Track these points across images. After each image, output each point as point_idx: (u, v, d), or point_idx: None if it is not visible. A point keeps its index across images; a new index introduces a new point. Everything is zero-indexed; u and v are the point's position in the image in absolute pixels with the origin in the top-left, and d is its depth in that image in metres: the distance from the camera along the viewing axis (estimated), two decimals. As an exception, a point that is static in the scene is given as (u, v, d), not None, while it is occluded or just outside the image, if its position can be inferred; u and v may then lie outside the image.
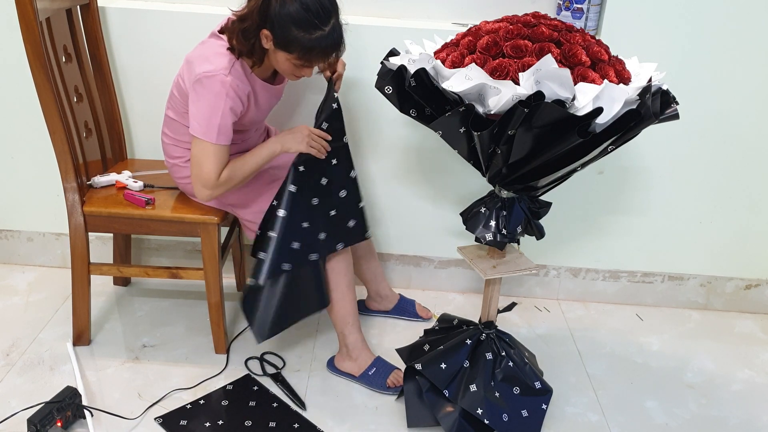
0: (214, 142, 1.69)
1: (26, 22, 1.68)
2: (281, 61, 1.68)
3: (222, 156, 1.72)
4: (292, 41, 1.61)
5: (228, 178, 1.75)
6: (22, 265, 2.46)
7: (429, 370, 1.76)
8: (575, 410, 1.93)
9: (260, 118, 1.89)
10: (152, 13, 2.09)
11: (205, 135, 1.69)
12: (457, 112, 1.46)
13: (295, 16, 1.58)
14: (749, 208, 2.29)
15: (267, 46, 1.66)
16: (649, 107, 1.45)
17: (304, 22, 1.58)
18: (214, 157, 1.71)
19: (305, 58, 1.64)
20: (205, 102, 1.68)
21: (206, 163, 1.71)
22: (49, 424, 1.68)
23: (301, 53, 1.63)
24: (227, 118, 1.69)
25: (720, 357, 2.19)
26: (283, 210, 1.79)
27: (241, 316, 2.24)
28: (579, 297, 2.46)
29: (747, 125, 2.16)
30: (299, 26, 1.59)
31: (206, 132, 1.69)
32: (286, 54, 1.65)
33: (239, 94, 1.70)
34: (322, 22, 1.60)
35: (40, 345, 2.05)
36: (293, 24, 1.59)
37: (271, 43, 1.64)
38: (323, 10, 1.60)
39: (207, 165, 1.71)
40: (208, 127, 1.69)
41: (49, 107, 1.78)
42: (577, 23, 2.02)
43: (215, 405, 1.86)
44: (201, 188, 1.74)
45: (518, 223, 1.69)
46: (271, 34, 1.62)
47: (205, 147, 1.70)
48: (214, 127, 1.69)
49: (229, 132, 1.71)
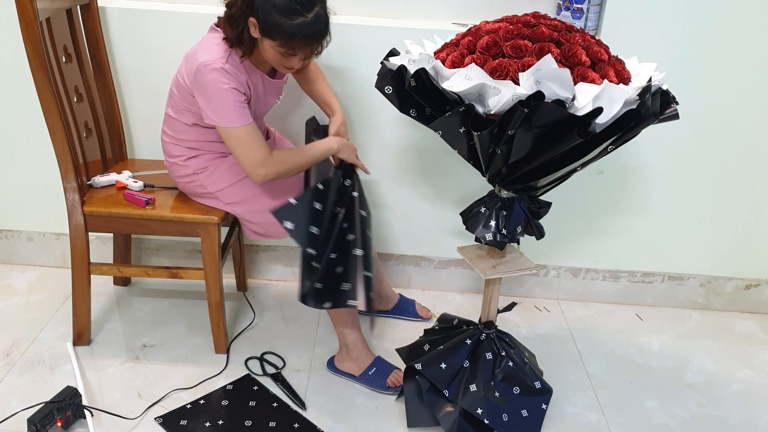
0: (237, 125, 1.71)
1: (26, 22, 1.68)
2: (267, 50, 1.68)
3: (254, 133, 1.74)
4: (275, 27, 1.61)
5: (281, 161, 1.77)
6: (22, 265, 2.46)
7: (429, 370, 1.76)
8: (575, 410, 1.93)
9: (260, 112, 1.89)
10: (152, 13, 2.09)
11: (225, 122, 1.71)
12: (457, 112, 1.46)
13: (277, 2, 1.59)
14: (749, 208, 2.29)
15: (255, 34, 1.66)
16: (649, 107, 1.45)
17: (286, 8, 1.59)
18: (247, 138, 1.72)
19: (288, 45, 1.64)
20: (210, 92, 1.69)
21: (245, 146, 1.73)
22: (49, 424, 1.68)
23: (284, 40, 1.63)
24: (238, 97, 1.70)
25: (720, 357, 2.19)
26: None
27: (241, 316, 2.25)
28: (579, 297, 2.46)
29: (747, 125, 2.16)
30: (281, 12, 1.59)
31: (225, 119, 1.71)
32: (270, 41, 1.65)
33: (238, 80, 1.71)
34: (304, 8, 1.60)
35: (40, 345, 2.05)
36: (275, 9, 1.59)
37: (257, 31, 1.65)
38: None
39: (246, 147, 1.73)
40: (225, 114, 1.70)
41: (49, 107, 1.78)
42: (577, 23, 2.02)
43: (215, 405, 1.86)
44: (253, 171, 1.76)
45: (518, 223, 1.69)
46: (256, 21, 1.63)
47: (232, 132, 1.72)
48: (230, 111, 1.70)
49: (246, 110, 1.73)
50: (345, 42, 2.06)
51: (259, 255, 2.43)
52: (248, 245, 2.40)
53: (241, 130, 1.72)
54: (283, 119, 2.21)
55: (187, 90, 1.75)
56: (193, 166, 1.89)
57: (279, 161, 1.77)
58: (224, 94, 1.69)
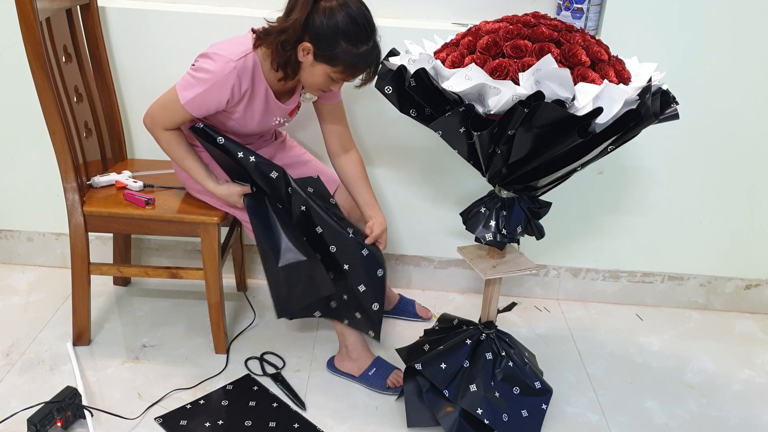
0: (182, 102, 1.68)
1: (26, 22, 1.68)
2: (318, 74, 1.66)
3: (176, 115, 1.71)
4: (339, 54, 1.60)
5: (168, 145, 1.78)
6: (22, 265, 2.46)
7: (429, 370, 1.76)
8: (575, 410, 1.93)
9: (245, 128, 1.81)
10: (152, 13, 2.09)
11: (181, 89, 1.68)
12: (457, 112, 1.46)
13: (343, 29, 1.57)
14: (749, 208, 2.29)
15: (303, 59, 1.64)
16: (649, 107, 1.45)
17: (352, 36, 1.58)
18: (167, 110, 1.72)
19: (349, 71, 1.64)
20: (201, 71, 1.66)
21: (162, 108, 1.73)
22: (49, 424, 1.68)
23: (346, 66, 1.62)
24: (211, 94, 1.67)
25: (720, 357, 2.19)
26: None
27: (241, 316, 2.25)
28: (579, 297, 2.46)
29: (747, 125, 2.16)
30: (347, 39, 1.58)
31: (184, 88, 1.68)
32: (327, 67, 1.63)
33: (235, 84, 1.67)
34: (367, 36, 1.60)
35: (40, 345, 2.05)
36: (342, 37, 1.58)
37: (310, 56, 1.62)
38: (369, 24, 1.60)
39: (161, 110, 1.73)
40: (188, 88, 1.67)
41: (49, 107, 1.78)
42: (577, 23, 2.02)
43: (215, 405, 1.86)
44: (147, 120, 1.77)
45: (518, 223, 1.69)
46: (312, 46, 1.60)
47: (172, 96, 1.70)
48: (193, 91, 1.67)
49: (203, 107, 1.69)
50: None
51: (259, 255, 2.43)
52: (248, 245, 2.40)
53: (177, 103, 1.69)
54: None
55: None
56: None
57: (164, 141, 1.78)
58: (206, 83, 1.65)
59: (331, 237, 1.81)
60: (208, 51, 1.68)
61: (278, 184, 1.81)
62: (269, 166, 1.79)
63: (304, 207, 1.81)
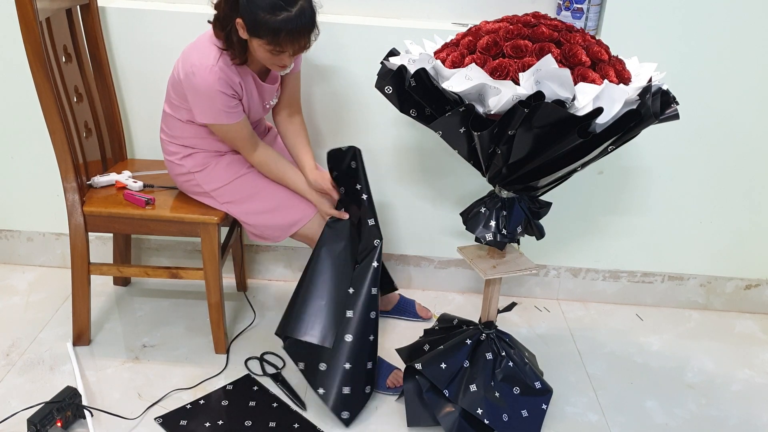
0: (225, 122, 1.76)
1: (26, 22, 1.68)
2: (257, 49, 1.68)
3: (243, 129, 1.80)
4: (260, 25, 1.60)
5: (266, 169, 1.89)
6: (22, 265, 2.46)
7: (429, 370, 1.76)
8: (575, 410, 1.93)
9: (256, 113, 1.89)
10: (152, 13, 2.09)
11: (215, 119, 1.75)
12: (457, 112, 1.46)
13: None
14: (749, 208, 2.29)
15: (243, 35, 1.66)
16: (649, 107, 1.45)
17: (269, 4, 1.58)
18: (236, 134, 1.80)
19: (275, 42, 1.63)
20: (201, 94, 1.71)
21: (235, 140, 1.83)
22: (49, 424, 1.68)
23: (270, 37, 1.62)
24: (227, 101, 1.73)
25: (720, 357, 2.19)
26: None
27: (241, 316, 2.25)
28: (579, 297, 2.46)
29: (747, 125, 2.16)
30: (264, 8, 1.59)
31: (216, 117, 1.75)
32: (258, 40, 1.65)
33: (228, 82, 1.72)
34: (287, 3, 1.59)
35: (40, 345, 2.05)
36: (258, 7, 1.59)
37: (245, 32, 1.65)
38: None
39: (237, 142, 1.83)
40: (214, 114, 1.74)
41: (49, 107, 1.78)
42: (577, 23, 2.02)
43: (215, 405, 1.86)
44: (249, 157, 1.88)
45: (518, 223, 1.69)
46: (243, 21, 1.63)
47: (222, 128, 1.79)
48: (219, 111, 1.74)
49: (237, 109, 1.76)
50: (345, 42, 2.07)
51: (259, 255, 2.43)
52: (248, 245, 2.40)
53: (228, 126, 1.77)
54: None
55: (180, 84, 1.75)
56: (188, 165, 1.89)
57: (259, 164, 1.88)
58: (214, 97, 1.71)
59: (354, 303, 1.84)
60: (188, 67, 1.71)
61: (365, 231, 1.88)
62: (371, 212, 1.87)
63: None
